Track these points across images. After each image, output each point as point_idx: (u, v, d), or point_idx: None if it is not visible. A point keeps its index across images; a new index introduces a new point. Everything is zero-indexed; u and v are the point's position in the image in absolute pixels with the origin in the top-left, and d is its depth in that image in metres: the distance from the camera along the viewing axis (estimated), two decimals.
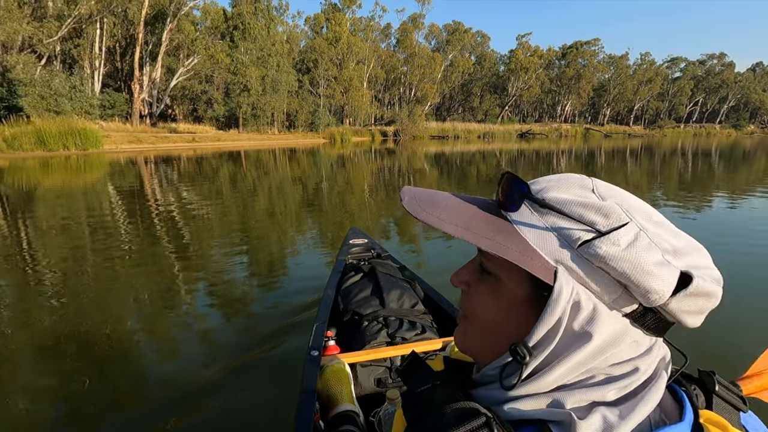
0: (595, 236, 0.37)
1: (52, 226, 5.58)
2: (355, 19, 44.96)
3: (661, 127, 62.55)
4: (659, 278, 0.35)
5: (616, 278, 0.36)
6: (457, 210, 0.43)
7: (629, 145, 28.67)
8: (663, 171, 12.53)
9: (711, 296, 0.36)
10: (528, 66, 52.92)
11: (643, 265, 0.35)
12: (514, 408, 0.38)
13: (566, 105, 61.05)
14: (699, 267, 0.36)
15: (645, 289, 0.35)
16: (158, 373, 2.33)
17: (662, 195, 7.94)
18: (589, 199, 0.39)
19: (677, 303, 0.36)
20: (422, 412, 0.41)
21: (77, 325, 2.81)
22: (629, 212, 0.37)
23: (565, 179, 0.42)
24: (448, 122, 48.08)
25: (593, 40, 57.04)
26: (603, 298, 0.37)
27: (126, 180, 10.37)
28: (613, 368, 0.38)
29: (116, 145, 18.79)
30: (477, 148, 25.61)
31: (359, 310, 1.78)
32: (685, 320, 0.37)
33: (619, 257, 0.36)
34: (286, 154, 20.68)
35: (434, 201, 0.44)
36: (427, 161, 17.13)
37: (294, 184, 10.13)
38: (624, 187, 0.40)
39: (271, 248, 4.76)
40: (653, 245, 0.36)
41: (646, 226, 0.37)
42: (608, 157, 17.76)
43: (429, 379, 0.44)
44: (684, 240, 0.38)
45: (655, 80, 62.02)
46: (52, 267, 4.04)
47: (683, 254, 0.36)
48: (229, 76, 28.21)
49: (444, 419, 0.38)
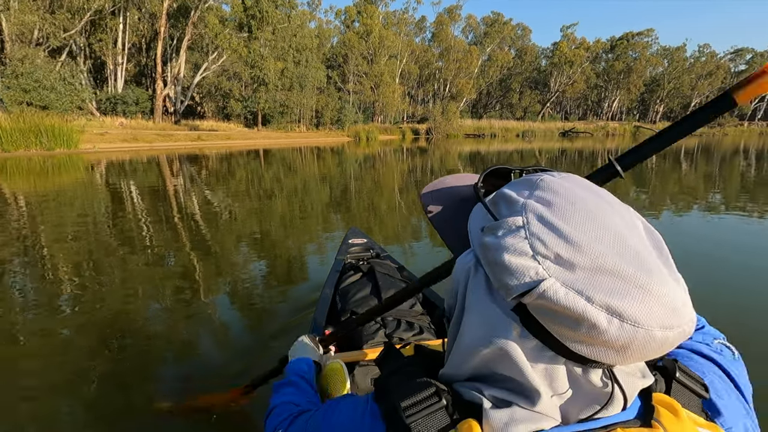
0: (490, 224, 0.40)
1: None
2: (388, 12, 43.44)
3: (721, 125, 57.23)
4: (510, 272, 0.35)
5: (490, 265, 0.38)
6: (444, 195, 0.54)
7: (684, 145, 26.59)
8: (722, 174, 11.29)
9: (575, 316, 0.33)
10: (573, 59, 49.66)
11: (502, 255, 0.36)
12: (455, 388, 0.43)
13: (614, 101, 56.98)
14: (585, 285, 0.33)
15: (497, 279, 0.36)
16: (158, 375, 2.28)
17: (721, 201, 7.11)
18: (513, 192, 0.41)
19: (535, 309, 0.35)
20: (388, 388, 0.45)
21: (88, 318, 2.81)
22: (529, 208, 0.38)
23: (527, 177, 0.44)
24: (484, 120, 46.00)
25: (646, 31, 52.93)
26: (494, 283, 0.38)
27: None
28: (506, 369, 0.39)
29: (93, 145, 16.81)
30: (515, 147, 24.42)
31: (357, 309, 1.79)
32: (564, 341, 0.35)
33: (489, 244, 0.38)
34: (302, 154, 19.25)
35: (437, 190, 0.55)
36: (461, 161, 16.23)
37: (296, 194, 8.56)
38: (673, 192, 0.39)
39: (269, 250, 4.61)
40: (525, 242, 0.35)
41: (534, 224, 0.36)
42: (658, 158, 16.01)
43: (397, 363, 0.49)
44: (591, 258, 0.34)
45: (716, 74, 56.79)
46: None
47: (569, 266, 0.34)
48: (247, 69, 26.88)
49: (401, 390, 0.43)
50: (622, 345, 0.33)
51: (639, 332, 0.32)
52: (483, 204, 0.43)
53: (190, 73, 29.72)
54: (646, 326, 0.32)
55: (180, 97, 28.97)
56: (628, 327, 0.32)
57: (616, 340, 0.33)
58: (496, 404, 0.39)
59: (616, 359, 0.35)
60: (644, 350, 0.33)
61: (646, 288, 0.33)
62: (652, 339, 0.33)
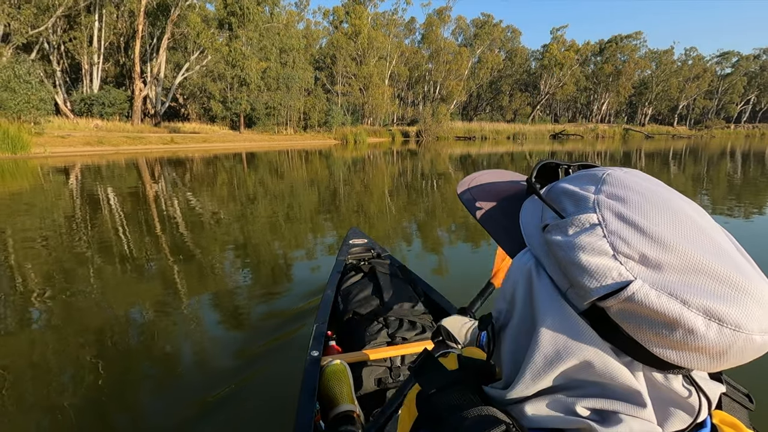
0: (556, 222, 0.37)
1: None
2: (377, 13, 42.88)
3: (708, 127, 57.85)
4: (588, 273, 0.33)
5: (560, 266, 0.36)
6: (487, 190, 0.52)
7: (673, 147, 27.15)
8: (710, 175, 11.58)
9: (670, 321, 0.30)
10: (563, 61, 49.54)
11: (578, 255, 0.33)
12: (526, 411, 0.38)
13: (603, 104, 57.07)
14: (678, 287, 0.31)
15: (574, 280, 0.34)
16: (157, 376, 2.30)
17: (708, 202, 7.25)
18: (576, 188, 0.39)
19: (618, 312, 0.33)
20: (437, 413, 0.40)
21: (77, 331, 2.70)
22: (603, 204, 0.35)
23: (587, 172, 0.41)
24: (474, 122, 45.56)
25: (635, 34, 53.13)
26: (560, 286, 0.36)
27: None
28: (595, 376, 0.35)
29: (44, 148, 15.53)
30: (506, 150, 24.62)
31: (359, 310, 1.79)
32: (650, 346, 0.32)
33: (561, 243, 0.35)
34: (288, 157, 18.46)
35: (478, 184, 0.53)
36: (452, 164, 15.91)
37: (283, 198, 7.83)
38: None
39: (268, 253, 4.58)
40: (604, 240, 0.33)
41: (612, 221, 0.34)
42: (648, 160, 16.94)
43: (443, 379, 0.43)
44: (680, 257, 0.31)
45: (703, 76, 57.26)
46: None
47: (657, 266, 0.32)
48: (228, 68, 25.77)
49: (463, 425, 0.37)
50: (719, 351, 0.31)
51: (739, 337, 0.30)
52: (543, 200, 0.41)
53: (172, 73, 28.62)
54: (746, 330, 0.30)
55: (161, 98, 27.89)
56: (728, 332, 0.30)
57: (714, 345, 0.30)
58: (597, 419, 0.35)
59: (709, 366, 0.32)
60: (741, 356, 0.31)
61: (744, 289, 0.31)
62: (751, 344, 0.30)
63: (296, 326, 2.66)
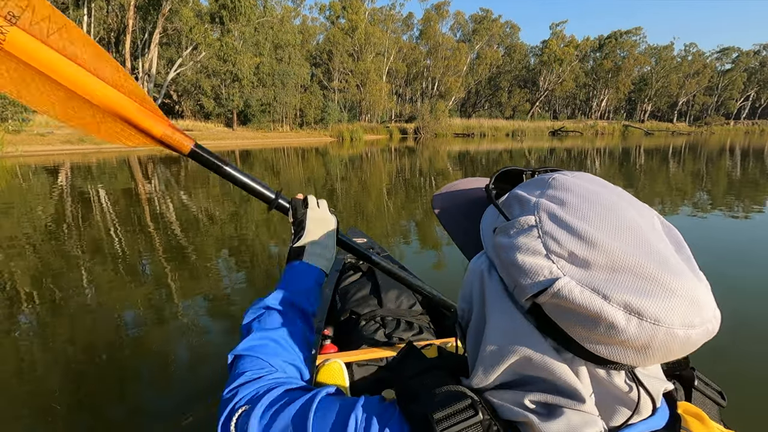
0: (503, 224, 0.39)
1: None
2: (374, 9, 42.32)
3: (708, 123, 57.39)
4: (524, 272, 0.34)
5: (504, 266, 0.37)
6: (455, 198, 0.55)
7: (672, 144, 26.93)
8: (709, 172, 11.59)
9: (592, 315, 0.32)
10: (563, 57, 49.05)
11: (515, 255, 0.35)
12: (488, 400, 0.40)
13: (602, 101, 56.65)
14: (602, 283, 0.32)
15: (512, 280, 0.36)
16: (156, 377, 2.31)
17: (708, 199, 7.33)
18: (524, 192, 0.41)
19: (551, 308, 0.34)
20: (413, 392, 0.42)
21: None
22: (542, 207, 0.37)
23: (539, 177, 0.43)
24: (473, 119, 45.05)
25: (634, 29, 52.56)
26: (508, 285, 0.38)
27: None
28: (538, 372, 0.37)
29: (16, 147, 14.82)
30: (504, 147, 24.33)
31: (357, 309, 1.77)
32: (582, 341, 0.34)
33: (502, 244, 0.37)
34: (282, 154, 18.00)
35: (450, 193, 0.55)
36: (451, 161, 15.71)
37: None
38: (665, 191, 0.41)
39: (263, 253, 4.53)
40: (538, 241, 0.35)
41: (546, 222, 0.36)
42: (647, 157, 16.75)
43: (421, 365, 0.46)
44: (607, 255, 0.33)
45: (703, 72, 56.86)
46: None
47: (585, 264, 0.33)
48: (219, 64, 25.10)
49: (433, 399, 0.39)
50: (642, 344, 0.32)
51: (660, 331, 0.31)
52: (494, 204, 0.43)
53: (165, 69, 27.99)
54: (666, 324, 0.31)
55: (153, 94, 27.28)
56: (648, 325, 0.31)
57: (635, 339, 0.31)
58: (542, 412, 0.37)
59: (636, 360, 0.33)
60: (666, 350, 0.32)
61: (666, 285, 0.31)
62: (673, 338, 0.31)
63: None
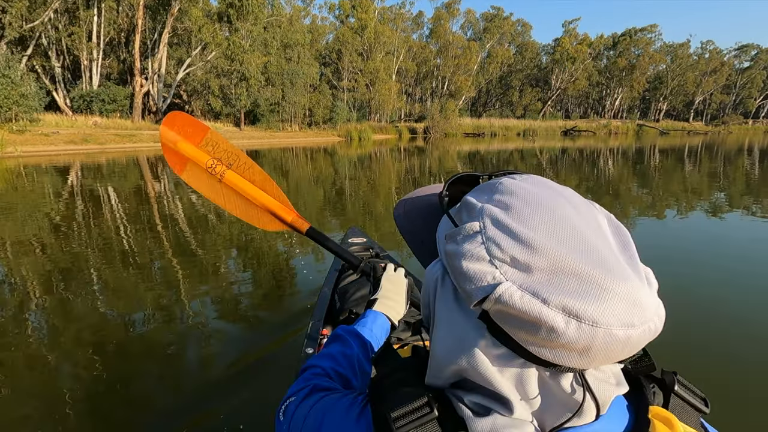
0: (451, 231, 0.39)
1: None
2: (384, 7, 42.08)
3: (725, 123, 55.95)
4: (469, 278, 0.34)
5: (453, 273, 0.37)
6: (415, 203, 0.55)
7: (688, 144, 26.40)
8: (726, 173, 11.28)
9: (533, 320, 0.32)
10: (575, 56, 48.21)
11: (461, 262, 0.35)
12: (449, 397, 0.41)
13: (615, 99, 55.61)
14: (542, 287, 0.32)
15: (459, 286, 0.36)
16: (157, 378, 2.31)
17: (725, 200, 7.27)
18: (474, 198, 0.41)
19: (496, 315, 0.34)
20: (381, 392, 0.44)
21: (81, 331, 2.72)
22: (486, 212, 0.37)
23: (489, 182, 0.43)
24: (483, 118, 44.55)
25: (650, 27, 51.42)
26: (459, 291, 0.37)
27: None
28: (478, 375, 0.37)
29: (15, 148, 14.58)
30: (515, 146, 24.05)
31: (356, 309, 1.79)
32: (527, 345, 0.34)
33: (450, 252, 0.37)
34: (291, 154, 17.82)
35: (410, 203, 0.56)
36: (460, 161, 15.54)
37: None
38: (681, 191, 0.39)
39: (265, 250, 4.61)
40: (481, 247, 0.35)
41: (489, 228, 0.36)
42: (662, 157, 16.55)
43: (392, 365, 0.48)
44: (548, 259, 0.33)
45: (720, 71, 55.45)
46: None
47: (526, 268, 0.33)
48: (227, 63, 24.95)
49: (395, 398, 0.41)
50: (583, 347, 0.32)
51: (598, 332, 0.31)
52: (445, 212, 0.43)
53: (174, 69, 28.03)
54: (605, 325, 0.31)
55: (162, 94, 27.35)
56: (586, 327, 0.31)
57: (575, 341, 0.31)
58: (477, 411, 0.38)
59: (580, 362, 0.33)
60: (607, 351, 0.32)
61: (604, 286, 0.31)
62: (613, 339, 0.31)
63: (292, 325, 2.71)
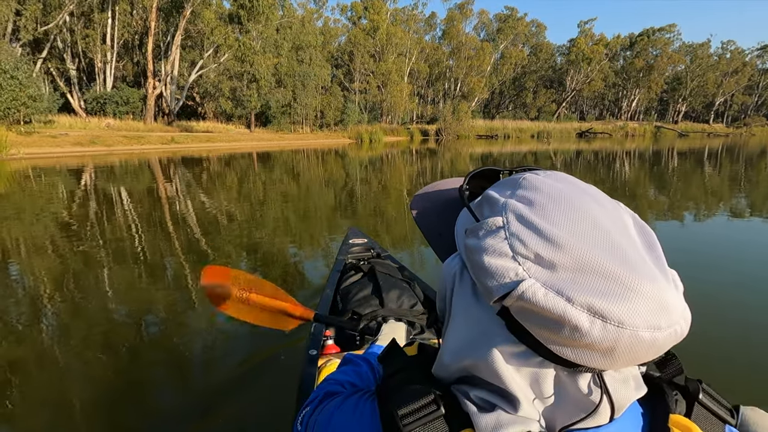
0: (472, 225, 0.39)
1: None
2: (396, 9, 41.87)
3: (747, 124, 54.28)
4: (490, 274, 0.34)
5: (473, 267, 0.37)
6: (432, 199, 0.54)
7: (708, 146, 25.43)
8: (748, 176, 10.82)
9: (556, 318, 0.31)
10: (591, 56, 47.34)
11: (483, 257, 0.35)
12: (455, 393, 0.41)
13: (632, 101, 54.46)
14: (566, 285, 0.32)
15: (480, 281, 0.36)
16: (157, 378, 2.34)
17: (747, 204, 7.02)
18: (496, 193, 0.40)
19: (517, 311, 0.34)
20: (388, 391, 0.43)
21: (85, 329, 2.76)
22: (509, 207, 0.37)
23: (511, 177, 0.43)
24: (497, 120, 43.98)
25: (668, 27, 50.25)
26: (478, 287, 0.37)
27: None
28: (490, 371, 0.37)
29: (18, 150, 14.36)
30: (529, 149, 23.61)
31: (358, 309, 1.79)
32: (548, 344, 0.33)
33: (471, 246, 0.37)
34: (303, 156, 17.64)
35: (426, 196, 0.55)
36: (473, 163, 15.43)
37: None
38: (700, 195, 0.37)
39: (268, 250, 4.59)
40: (504, 243, 0.34)
41: (513, 224, 0.35)
42: (681, 159, 16.25)
43: (399, 363, 0.47)
44: (573, 257, 0.32)
45: (742, 71, 53.93)
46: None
47: (550, 265, 0.33)
48: (237, 64, 24.94)
49: (401, 396, 0.40)
50: (606, 348, 0.31)
51: (624, 333, 0.30)
52: (466, 206, 0.43)
53: (187, 71, 28.24)
54: (631, 327, 0.30)
55: (175, 96, 27.54)
56: (612, 328, 0.30)
57: (600, 342, 0.31)
58: (482, 406, 0.38)
59: (602, 363, 0.33)
60: (632, 353, 0.32)
61: (631, 286, 0.31)
62: (639, 340, 0.31)
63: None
